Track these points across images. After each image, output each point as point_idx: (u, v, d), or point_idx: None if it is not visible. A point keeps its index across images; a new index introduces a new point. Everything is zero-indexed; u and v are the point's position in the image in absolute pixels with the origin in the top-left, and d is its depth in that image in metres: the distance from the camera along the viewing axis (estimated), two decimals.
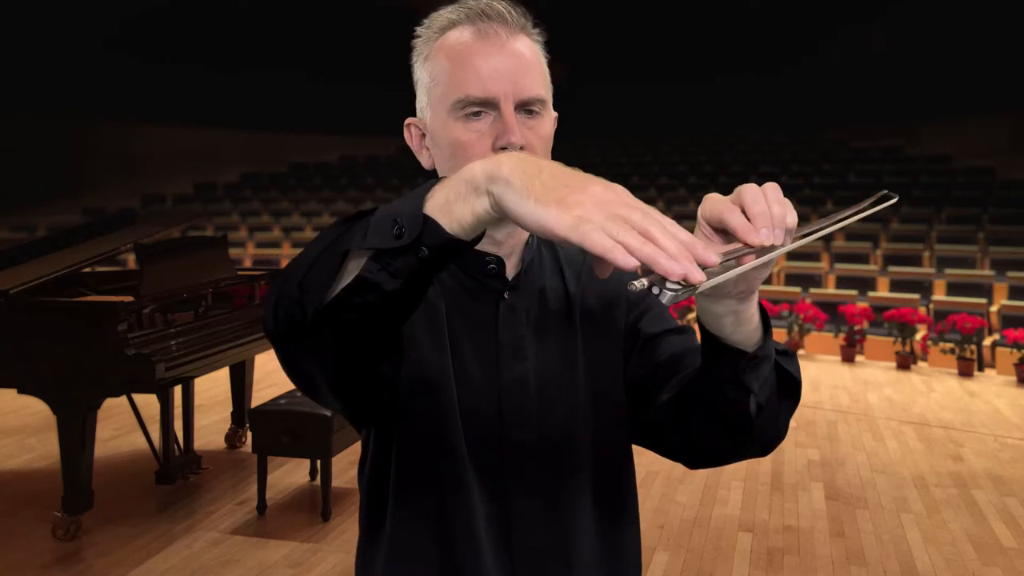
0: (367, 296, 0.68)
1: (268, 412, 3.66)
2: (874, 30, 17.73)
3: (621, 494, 1.00)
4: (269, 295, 0.76)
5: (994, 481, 4.49)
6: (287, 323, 0.73)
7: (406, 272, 0.67)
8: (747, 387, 0.81)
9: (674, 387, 0.91)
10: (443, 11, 0.92)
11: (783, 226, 0.69)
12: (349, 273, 0.69)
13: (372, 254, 0.68)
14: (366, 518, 0.98)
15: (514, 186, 0.61)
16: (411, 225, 0.65)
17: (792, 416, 0.91)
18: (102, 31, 17.08)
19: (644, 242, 0.57)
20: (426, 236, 0.65)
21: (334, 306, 0.69)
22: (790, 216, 0.69)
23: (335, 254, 0.70)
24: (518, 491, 0.93)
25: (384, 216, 0.67)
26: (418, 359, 0.92)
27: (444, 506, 0.92)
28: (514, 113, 0.88)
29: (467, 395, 0.93)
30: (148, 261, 3.75)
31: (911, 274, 9.51)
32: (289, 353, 0.77)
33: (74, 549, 3.38)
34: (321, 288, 0.70)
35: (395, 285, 0.67)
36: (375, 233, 0.67)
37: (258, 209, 15.19)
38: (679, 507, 4.00)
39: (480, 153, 0.89)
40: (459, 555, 0.91)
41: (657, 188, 14.47)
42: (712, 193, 0.73)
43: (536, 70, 0.91)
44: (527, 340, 0.95)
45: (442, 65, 0.91)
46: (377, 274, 0.67)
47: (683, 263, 0.56)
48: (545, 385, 0.95)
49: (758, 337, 0.81)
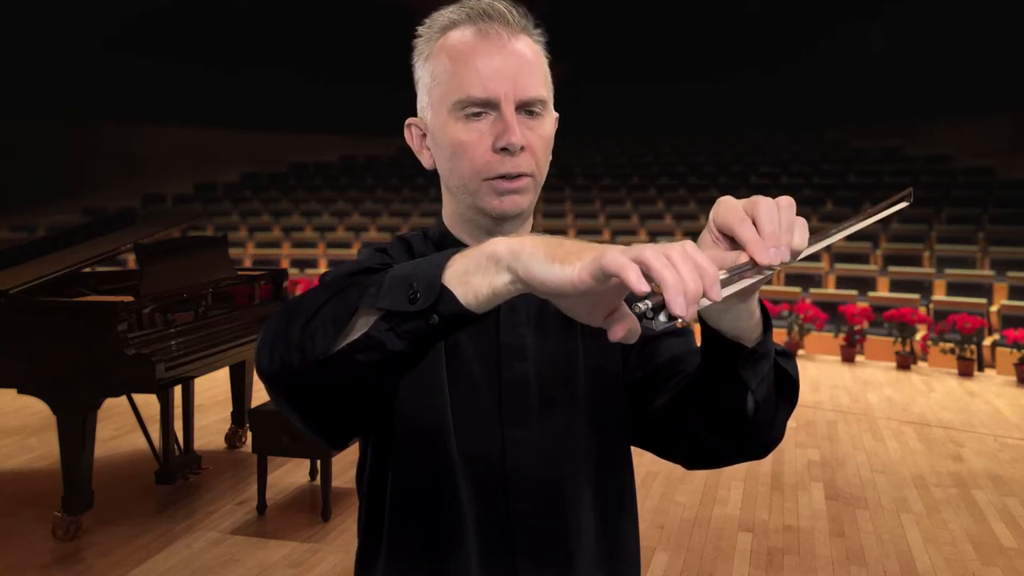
0: (370, 354, 0.70)
1: (268, 412, 3.66)
2: (874, 30, 17.73)
3: (620, 494, 1.00)
4: (266, 332, 0.77)
5: (994, 481, 4.49)
6: (282, 364, 0.74)
7: (412, 335, 0.69)
8: (745, 383, 0.81)
9: (673, 388, 0.92)
10: (444, 11, 0.92)
11: (792, 247, 0.68)
12: (357, 329, 0.70)
13: (383, 314, 0.69)
14: (364, 528, 0.98)
15: (538, 256, 0.62)
16: (427, 292, 0.67)
17: (789, 419, 0.91)
18: (102, 31, 17.07)
19: (665, 264, 0.56)
20: (441, 305, 0.66)
21: (335, 358, 0.71)
22: (798, 237, 0.69)
23: (345, 306, 0.71)
24: (517, 491, 0.93)
25: (400, 277, 0.69)
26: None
27: (442, 508, 0.92)
28: (515, 113, 0.88)
29: (467, 395, 0.93)
30: (148, 261, 3.75)
31: (911, 274, 9.51)
32: (274, 394, 0.78)
33: (74, 549, 3.38)
34: (325, 338, 0.71)
35: (400, 347, 0.69)
36: (389, 294, 0.69)
37: (258, 209, 15.19)
38: (679, 507, 4.00)
39: (480, 153, 0.89)
40: (456, 555, 0.92)
41: (657, 188, 14.47)
42: (727, 197, 0.72)
43: (537, 71, 0.91)
44: (528, 340, 0.95)
45: (443, 65, 0.91)
46: (384, 334, 0.69)
47: (690, 304, 0.55)
48: (545, 385, 0.95)
49: (758, 333, 0.80)
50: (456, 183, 0.93)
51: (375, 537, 0.96)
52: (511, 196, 0.90)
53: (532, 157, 0.90)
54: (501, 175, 0.89)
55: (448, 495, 0.92)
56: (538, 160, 0.91)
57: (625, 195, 14.25)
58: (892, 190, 0.83)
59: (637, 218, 13.17)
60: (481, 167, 0.89)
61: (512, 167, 0.89)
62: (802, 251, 0.70)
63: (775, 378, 0.85)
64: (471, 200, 0.92)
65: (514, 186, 0.90)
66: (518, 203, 0.91)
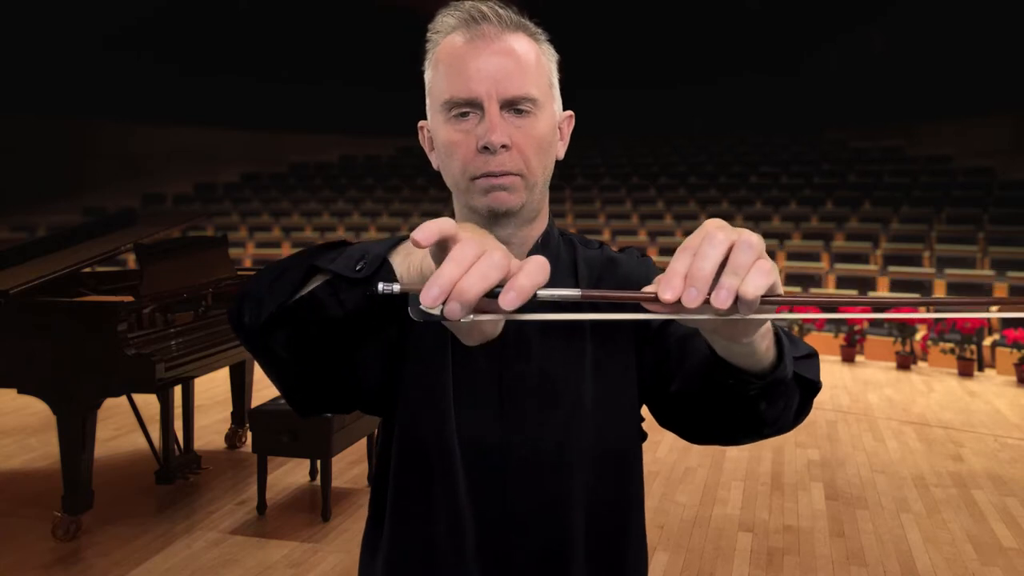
0: (310, 315, 0.73)
1: (268, 412, 3.66)
2: (874, 30, 17.73)
3: (626, 494, 1.00)
4: (241, 289, 0.81)
5: (994, 481, 4.49)
6: (248, 319, 0.78)
7: (351, 306, 0.71)
8: (756, 403, 0.80)
9: (682, 378, 0.90)
10: (444, 16, 0.93)
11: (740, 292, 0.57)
12: (307, 288, 0.74)
13: (329, 277, 0.72)
14: (371, 510, 1.02)
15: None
16: (371, 263, 0.70)
17: (811, 405, 0.89)
18: (102, 31, 17.07)
19: (456, 258, 0.56)
20: (379, 277, 0.69)
21: (284, 314, 0.74)
22: (751, 285, 0.57)
23: (302, 268, 0.75)
24: (517, 488, 0.93)
25: (358, 248, 0.73)
26: (418, 357, 0.93)
27: (442, 501, 0.93)
28: (499, 112, 0.89)
29: (470, 392, 0.94)
30: (148, 261, 3.74)
31: (911, 274, 9.51)
32: (248, 348, 0.82)
33: (74, 549, 3.38)
34: (281, 293, 0.75)
35: (337, 313, 0.72)
36: (342, 260, 0.72)
37: (258, 209, 15.19)
38: (679, 507, 4.00)
39: (466, 152, 0.90)
40: (451, 552, 0.93)
41: (657, 188, 14.47)
42: (714, 220, 0.63)
43: (527, 69, 0.91)
44: (532, 339, 0.95)
45: (438, 69, 0.92)
46: (327, 297, 0.72)
47: (439, 297, 0.54)
48: (550, 384, 0.95)
49: (768, 362, 0.76)
50: (451, 182, 0.95)
51: (379, 514, 0.99)
52: (496, 193, 0.90)
53: (519, 155, 0.90)
54: (484, 174, 0.89)
55: (448, 489, 0.92)
56: (527, 159, 0.91)
57: (625, 195, 14.25)
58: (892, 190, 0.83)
59: (637, 218, 13.18)
60: (467, 166, 0.90)
61: (496, 166, 0.89)
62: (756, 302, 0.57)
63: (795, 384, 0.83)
64: (465, 199, 0.93)
65: (499, 182, 0.89)
66: (504, 200, 0.90)
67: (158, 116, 17.23)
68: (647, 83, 17.99)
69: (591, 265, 1.02)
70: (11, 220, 14.14)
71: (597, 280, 1.01)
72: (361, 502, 3.93)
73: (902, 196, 12.56)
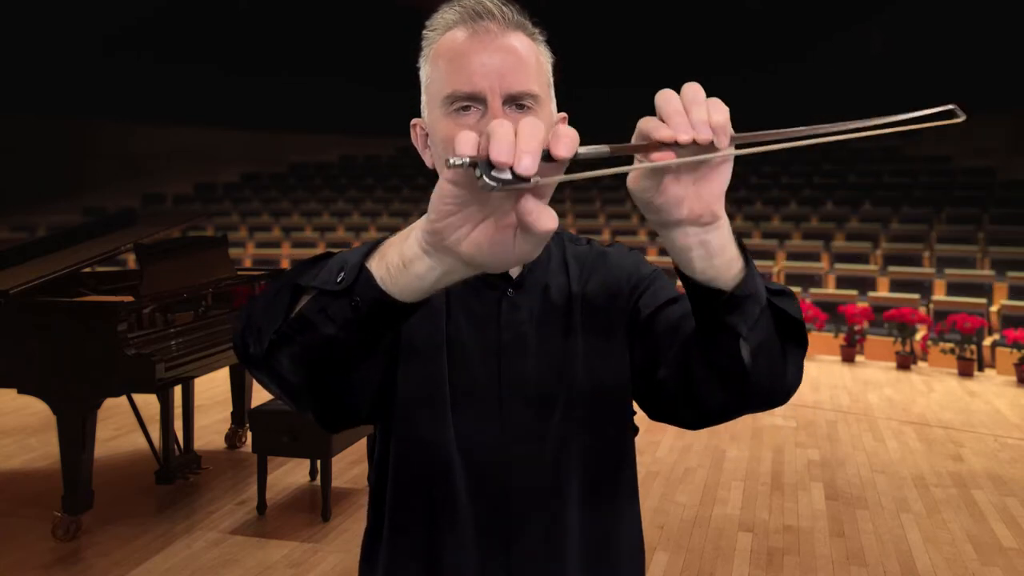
0: (306, 335, 0.70)
1: (268, 412, 3.66)
2: (873, 30, 17.74)
3: (619, 492, 1.00)
4: (237, 319, 0.80)
5: (994, 481, 4.49)
6: (250, 347, 0.76)
7: (341, 320, 0.68)
8: (734, 330, 0.75)
9: (673, 356, 0.89)
10: (443, 12, 0.93)
11: (711, 122, 0.65)
12: (296, 308, 0.72)
13: (315, 294, 0.70)
14: (369, 521, 1.00)
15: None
16: (350, 271, 0.68)
17: (803, 362, 0.83)
18: (102, 32, 17.07)
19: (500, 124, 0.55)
20: (359, 284, 0.67)
21: (282, 339, 0.72)
22: (718, 115, 0.66)
23: (292, 288, 0.73)
24: (514, 486, 0.93)
25: (339, 258, 0.70)
26: (415, 358, 0.93)
27: (440, 500, 0.93)
28: (502, 108, 0.88)
29: (466, 390, 0.94)
30: (148, 261, 3.74)
31: (911, 274, 9.51)
32: (255, 376, 0.80)
33: (74, 549, 3.38)
34: (275, 318, 0.73)
35: (331, 330, 0.69)
36: (324, 275, 0.70)
37: (258, 209, 15.18)
38: (679, 507, 4.00)
39: None
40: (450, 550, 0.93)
41: None
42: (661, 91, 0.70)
43: (529, 66, 0.91)
44: (529, 338, 0.96)
45: (437, 64, 0.92)
46: (316, 315, 0.69)
47: (511, 151, 0.54)
48: (545, 382, 0.95)
49: (735, 272, 0.74)
50: None
51: (377, 524, 0.98)
52: None
53: None
54: None
55: (447, 487, 0.93)
56: None
57: (625, 195, 14.22)
58: (892, 190, 0.82)
59: (637, 218, 13.17)
60: None
61: None
62: (727, 127, 0.67)
63: (774, 321, 0.78)
64: None
65: None
66: None
67: (158, 116, 17.22)
68: (646, 83, 17.96)
69: (581, 260, 1.03)
70: (11, 220, 14.13)
71: (588, 274, 1.01)
72: (361, 502, 3.93)
73: (902, 196, 12.55)
